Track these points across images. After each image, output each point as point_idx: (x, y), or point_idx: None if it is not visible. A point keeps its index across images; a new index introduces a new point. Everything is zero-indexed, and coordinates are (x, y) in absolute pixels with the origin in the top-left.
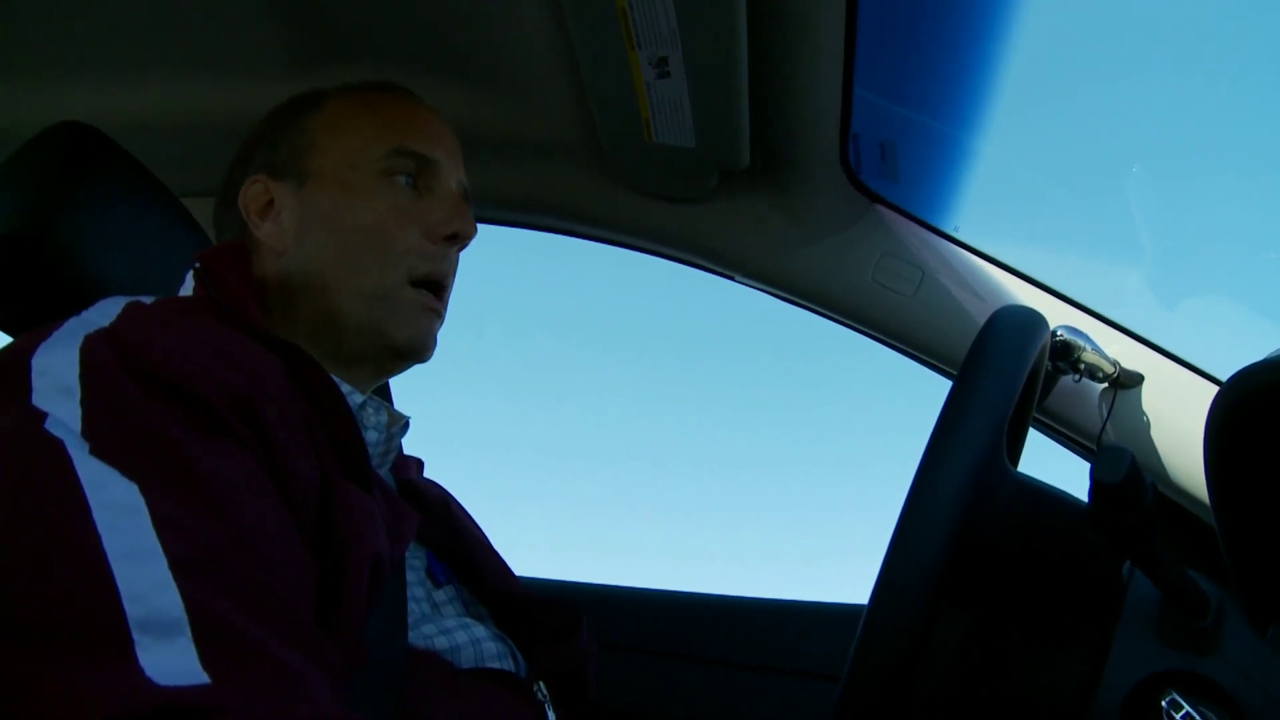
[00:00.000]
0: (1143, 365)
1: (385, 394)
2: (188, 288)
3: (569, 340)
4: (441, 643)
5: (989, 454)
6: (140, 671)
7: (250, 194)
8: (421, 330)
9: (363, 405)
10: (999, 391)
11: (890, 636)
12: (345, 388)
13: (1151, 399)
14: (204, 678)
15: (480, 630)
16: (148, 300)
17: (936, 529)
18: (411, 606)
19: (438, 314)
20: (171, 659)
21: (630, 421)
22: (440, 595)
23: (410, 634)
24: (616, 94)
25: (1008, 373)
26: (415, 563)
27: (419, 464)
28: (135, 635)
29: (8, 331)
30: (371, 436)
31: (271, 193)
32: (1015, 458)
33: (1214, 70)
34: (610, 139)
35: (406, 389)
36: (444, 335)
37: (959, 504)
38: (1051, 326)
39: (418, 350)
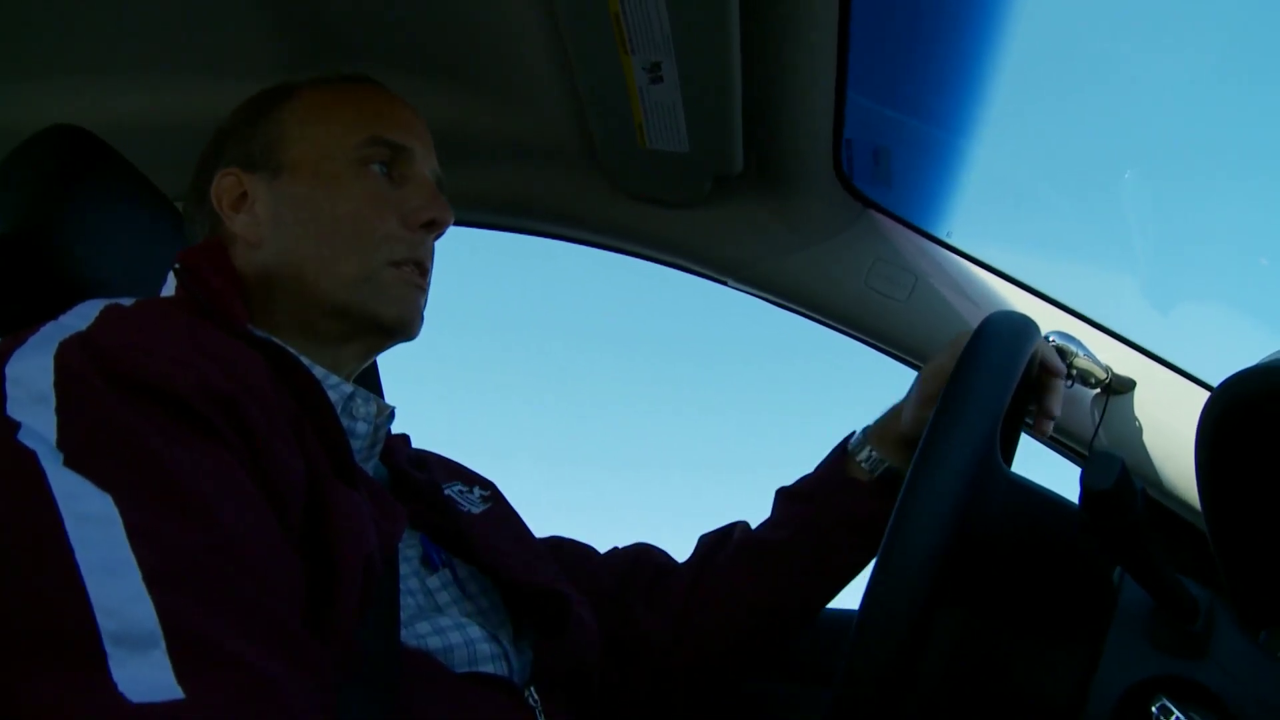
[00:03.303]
0: (1135, 371)
1: (376, 389)
2: (169, 288)
3: (561, 344)
4: (435, 642)
5: (983, 452)
6: (114, 687)
7: (223, 186)
8: (408, 305)
9: (351, 396)
10: (992, 391)
11: (883, 638)
12: (333, 379)
13: (1143, 405)
14: (178, 692)
15: (475, 630)
16: (127, 302)
17: (930, 529)
18: (406, 600)
19: (421, 289)
20: (146, 673)
21: (624, 424)
22: (435, 581)
23: (404, 631)
24: (610, 99)
25: (1001, 373)
26: (409, 552)
27: (405, 439)
28: (109, 649)
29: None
30: (361, 428)
31: (244, 185)
32: (1007, 463)
33: (1207, 73)
34: (604, 144)
35: (403, 390)
36: (437, 337)
37: (953, 502)
38: (1044, 332)
39: (406, 325)
